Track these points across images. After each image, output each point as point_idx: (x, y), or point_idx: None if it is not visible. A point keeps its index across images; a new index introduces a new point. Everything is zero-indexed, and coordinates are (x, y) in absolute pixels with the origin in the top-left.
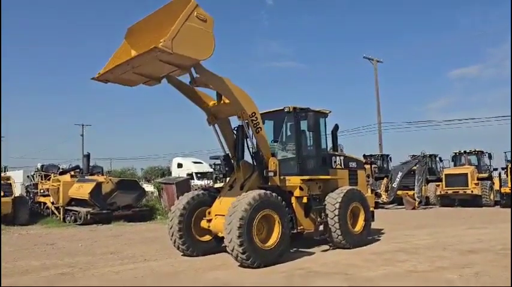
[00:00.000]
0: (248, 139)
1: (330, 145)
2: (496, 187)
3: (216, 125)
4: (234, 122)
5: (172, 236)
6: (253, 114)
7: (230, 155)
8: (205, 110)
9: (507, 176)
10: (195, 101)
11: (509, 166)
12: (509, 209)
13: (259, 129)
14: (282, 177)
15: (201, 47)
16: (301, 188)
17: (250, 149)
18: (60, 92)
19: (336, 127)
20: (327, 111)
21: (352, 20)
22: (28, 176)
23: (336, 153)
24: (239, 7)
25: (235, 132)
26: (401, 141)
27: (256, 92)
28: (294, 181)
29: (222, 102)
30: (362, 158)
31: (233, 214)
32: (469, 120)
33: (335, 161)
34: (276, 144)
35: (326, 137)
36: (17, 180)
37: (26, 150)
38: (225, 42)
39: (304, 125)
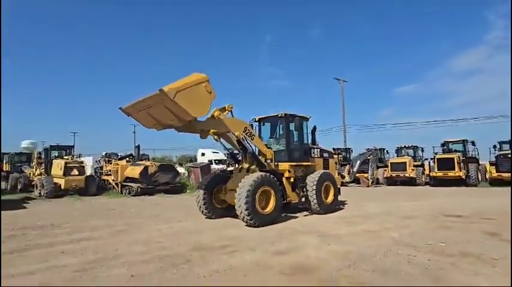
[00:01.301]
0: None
1: (310, 140)
2: (426, 171)
3: (221, 139)
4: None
5: (198, 203)
6: (245, 129)
7: (237, 150)
8: (211, 134)
9: (434, 163)
10: (203, 136)
11: (436, 157)
12: (435, 187)
13: (253, 137)
14: (276, 163)
15: (198, 107)
16: (289, 171)
17: (251, 148)
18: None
19: (315, 128)
20: (308, 117)
21: (328, 49)
22: (96, 161)
23: (315, 146)
24: (245, 43)
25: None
26: (359, 138)
27: (257, 102)
28: (284, 166)
29: None
30: (332, 150)
31: (242, 187)
32: (407, 124)
33: (313, 152)
34: (272, 140)
35: (307, 135)
36: (88, 164)
37: (95, 142)
38: (235, 68)
39: (292, 126)
